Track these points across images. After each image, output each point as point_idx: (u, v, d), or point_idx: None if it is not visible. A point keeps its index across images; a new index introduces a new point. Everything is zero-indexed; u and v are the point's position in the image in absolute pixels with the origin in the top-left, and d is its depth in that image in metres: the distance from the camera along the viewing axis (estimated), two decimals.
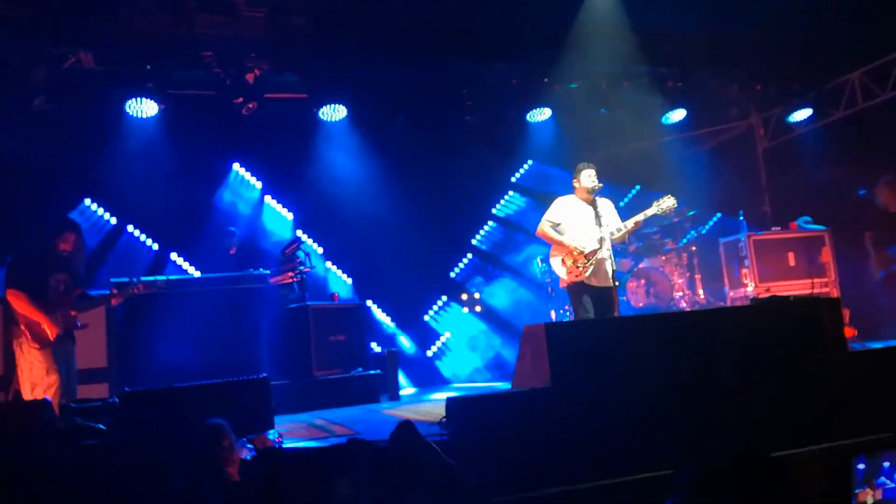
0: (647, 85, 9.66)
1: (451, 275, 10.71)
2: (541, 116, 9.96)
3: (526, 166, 11.17)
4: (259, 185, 9.78)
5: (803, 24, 8.52)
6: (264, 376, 5.17)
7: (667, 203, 6.41)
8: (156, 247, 9.05)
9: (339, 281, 9.93)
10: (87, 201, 8.74)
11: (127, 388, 4.73)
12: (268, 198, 9.82)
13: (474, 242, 10.92)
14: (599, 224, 6.34)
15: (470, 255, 10.85)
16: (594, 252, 6.27)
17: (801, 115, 9.98)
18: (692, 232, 9.77)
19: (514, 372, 5.09)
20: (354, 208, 9.40)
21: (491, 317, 10.45)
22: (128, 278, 6.55)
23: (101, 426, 4.41)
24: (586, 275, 6.27)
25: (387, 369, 8.03)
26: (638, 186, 11.20)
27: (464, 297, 10.62)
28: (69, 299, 5.58)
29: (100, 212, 8.81)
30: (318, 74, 8.65)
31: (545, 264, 9.05)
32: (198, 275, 8.59)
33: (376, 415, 6.51)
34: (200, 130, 8.77)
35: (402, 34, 8.07)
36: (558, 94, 9.64)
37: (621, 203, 10.44)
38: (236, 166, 9.64)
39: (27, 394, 5.24)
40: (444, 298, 10.55)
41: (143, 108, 8.23)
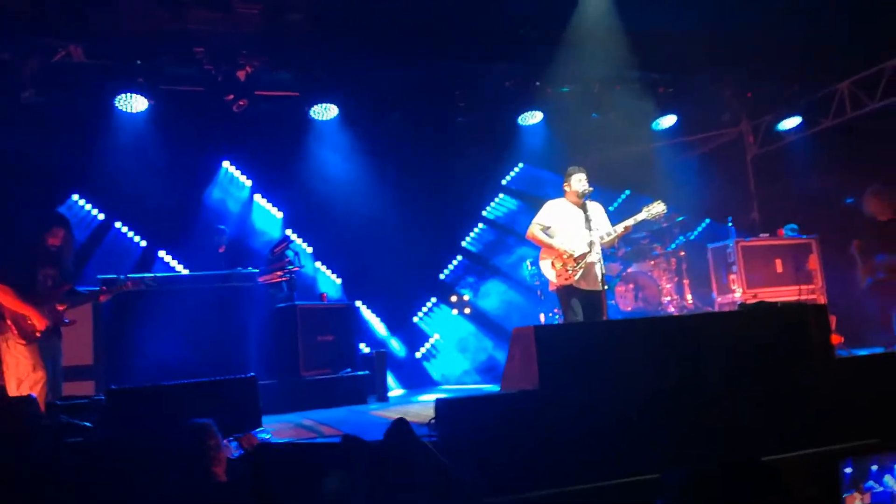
0: (638, 90, 9.73)
1: (441, 276, 10.71)
2: (532, 120, 9.99)
3: (517, 169, 11.18)
4: (249, 183, 9.74)
5: (793, 32, 8.59)
6: (252, 375, 5.15)
7: (657, 208, 6.44)
8: (144, 244, 9.00)
9: (329, 281, 9.90)
10: (74, 196, 8.68)
11: (113, 386, 4.69)
12: (257, 196, 9.78)
13: (464, 244, 10.92)
14: (589, 228, 6.36)
15: (460, 257, 10.85)
16: (584, 255, 6.28)
17: (791, 122, 10.06)
18: (681, 237, 9.81)
19: (502, 374, 5.09)
20: (344, 208, 9.38)
21: (480, 319, 10.45)
22: (115, 275, 6.50)
23: (88, 424, 4.38)
24: (575, 278, 6.29)
25: (375, 370, 8.00)
26: (628, 191, 11.26)
27: (453, 298, 10.62)
28: (57, 294, 5.51)
29: (87, 207, 8.75)
30: (311, 73, 8.62)
31: (535, 267, 9.06)
32: (186, 273, 8.54)
33: (364, 416, 6.48)
34: (191, 127, 8.74)
35: (396, 34, 8.07)
36: (550, 98, 9.68)
37: (611, 207, 10.49)
38: (226, 164, 9.60)
39: (13, 390, 5.16)
40: (433, 300, 10.55)
41: (133, 103, 8.19)
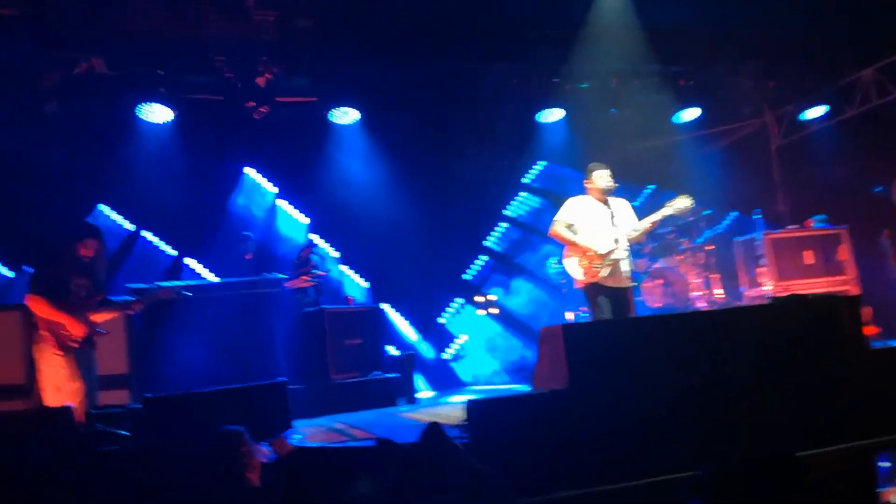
0: (658, 83, 9.65)
1: (466, 276, 10.71)
2: (553, 117, 9.95)
3: (538, 167, 11.15)
4: (273, 189, 9.82)
5: (815, 20, 8.48)
6: (282, 380, 5.19)
7: (683, 203, 6.35)
8: (172, 252, 9.11)
9: (355, 284, 9.95)
10: (101, 207, 8.80)
11: (148, 394, 4.75)
12: (282, 202, 9.86)
13: (488, 244, 10.92)
14: (614, 224, 6.32)
15: (484, 257, 10.85)
16: (609, 252, 6.24)
17: (815, 112, 9.93)
18: (707, 231, 9.72)
19: (532, 374, 5.09)
20: (368, 211, 9.42)
21: (507, 318, 10.43)
22: (145, 284, 6.57)
23: (124, 432, 4.43)
24: (602, 275, 6.25)
25: (404, 372, 8.03)
26: (652, 186, 11.17)
27: (479, 299, 10.61)
28: (90, 304, 5.55)
29: (115, 217, 8.87)
30: (329, 77, 8.66)
31: (559, 265, 9.02)
32: (214, 280, 8.64)
33: (394, 418, 6.51)
34: (213, 135, 8.83)
35: (412, 35, 8.10)
36: (570, 95, 9.63)
37: (635, 203, 10.39)
38: (249, 171, 9.69)
39: (51, 400, 5.20)
40: (459, 300, 10.55)
41: (156, 112, 8.29)
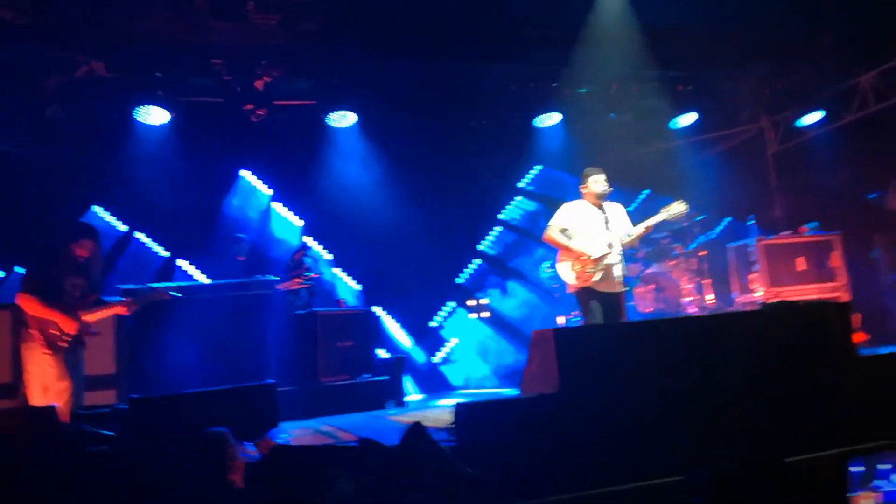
0: (656, 89, 9.66)
1: (459, 280, 10.70)
2: (550, 121, 9.96)
3: (535, 171, 11.15)
4: (268, 191, 9.81)
5: (813, 26, 8.49)
6: (271, 382, 5.16)
7: (678, 208, 6.34)
8: (165, 253, 9.09)
9: (347, 287, 9.93)
10: (96, 208, 8.78)
11: (135, 395, 4.72)
12: (277, 204, 9.85)
13: (482, 248, 10.91)
14: (608, 229, 6.31)
15: (478, 261, 10.84)
16: (603, 257, 6.24)
17: (812, 118, 9.93)
18: (701, 236, 9.71)
19: (522, 378, 5.07)
20: (362, 215, 9.42)
21: (499, 322, 10.42)
22: (137, 285, 6.54)
23: (110, 433, 4.40)
24: (594, 280, 6.24)
25: (393, 375, 8.01)
26: (648, 191, 11.18)
27: (471, 302, 10.60)
28: (84, 304, 5.51)
29: (109, 218, 8.86)
30: (328, 81, 8.66)
31: (552, 269, 9.01)
32: (206, 281, 8.62)
33: (383, 421, 6.48)
34: (210, 137, 8.84)
35: (410, 38, 8.09)
36: (568, 99, 9.64)
37: (630, 207, 10.36)
38: (245, 173, 9.68)
39: (38, 399, 5.16)
40: (451, 304, 10.55)
41: (153, 115, 8.29)
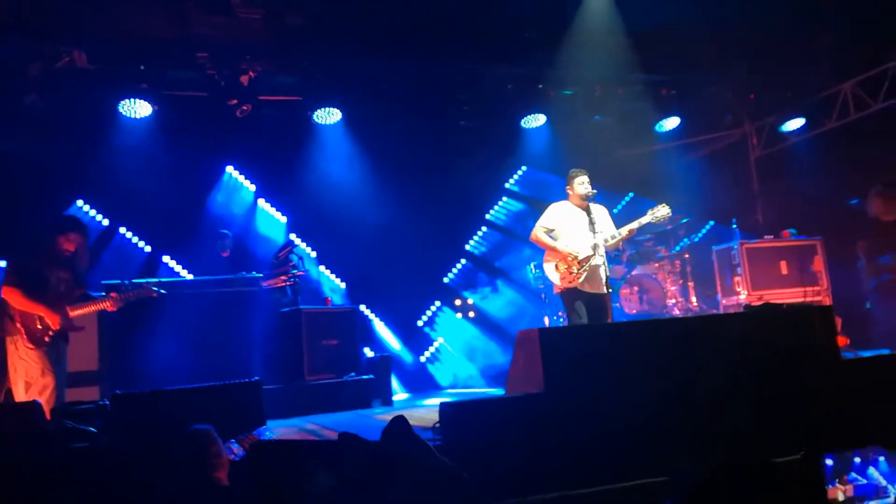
0: (641, 92, 9.71)
1: (445, 280, 10.70)
2: (535, 122, 9.98)
3: (520, 172, 11.18)
4: (253, 187, 9.76)
5: (796, 33, 8.58)
6: (256, 379, 5.15)
7: (661, 212, 6.40)
8: (148, 249, 9.01)
9: (333, 285, 9.90)
10: (79, 202, 8.69)
11: (118, 391, 4.69)
12: (261, 201, 9.80)
13: (468, 247, 10.92)
14: (593, 230, 6.34)
15: (464, 261, 10.84)
16: (588, 258, 6.27)
17: (794, 124, 10.03)
18: (685, 239, 9.80)
19: (507, 377, 5.08)
20: (348, 212, 9.38)
21: (485, 322, 10.43)
22: (120, 280, 6.49)
23: (92, 429, 4.37)
24: (580, 281, 6.27)
25: (379, 374, 7.99)
26: (631, 194, 11.23)
27: (457, 302, 10.61)
28: (69, 298, 5.45)
29: (92, 213, 8.77)
30: (313, 76, 8.62)
31: (539, 270, 9.04)
32: (190, 277, 8.55)
33: (369, 420, 6.47)
34: (194, 132, 8.75)
35: (396, 36, 8.07)
36: (553, 100, 9.66)
37: (615, 210, 10.46)
38: (230, 169, 9.62)
39: (20, 394, 5.11)
40: (437, 304, 10.54)
41: (137, 108, 8.20)
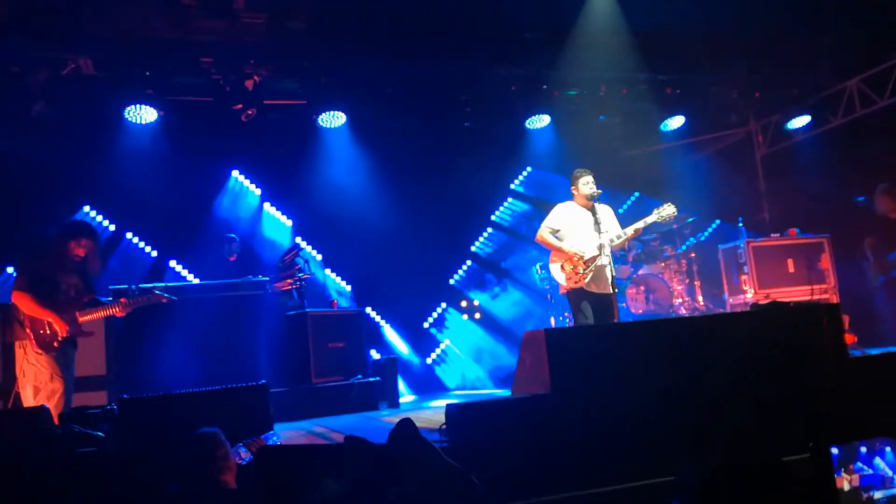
0: (645, 92, 9.70)
1: (451, 281, 10.70)
2: (540, 123, 9.98)
3: (525, 173, 11.17)
4: (258, 191, 9.78)
5: (801, 31, 8.56)
6: (263, 383, 5.15)
7: (667, 211, 6.39)
8: (154, 253, 9.05)
9: (339, 288, 9.91)
10: (86, 208, 8.73)
11: (125, 395, 4.70)
12: (267, 205, 9.82)
13: (474, 249, 10.92)
14: (599, 230, 6.33)
15: (469, 262, 10.84)
16: (594, 258, 6.26)
17: (800, 121, 10.01)
18: (691, 239, 9.76)
19: (513, 378, 5.08)
20: (353, 215, 9.39)
21: (491, 323, 10.42)
22: (127, 285, 6.51)
23: (100, 433, 4.38)
24: (585, 281, 6.26)
25: (386, 377, 7.99)
26: (637, 193, 11.23)
27: (463, 304, 10.61)
28: (79, 303, 5.45)
29: (98, 218, 8.80)
30: (318, 80, 8.63)
31: (544, 271, 9.04)
32: (196, 282, 8.58)
33: (376, 422, 6.47)
34: (200, 137, 8.78)
35: (399, 38, 8.07)
36: (557, 101, 9.65)
37: (621, 210, 10.46)
38: (235, 173, 9.65)
39: (29, 399, 5.11)
40: (443, 305, 10.54)
41: (143, 113, 8.24)
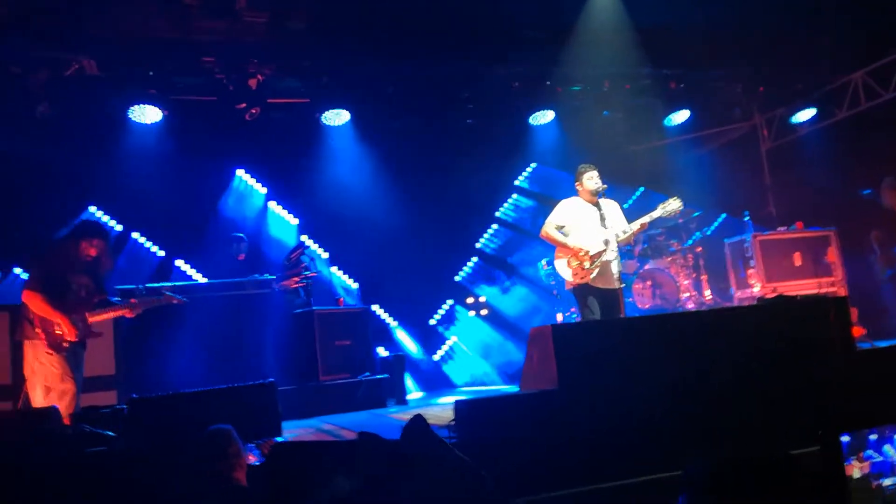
0: (649, 86, 9.68)
1: (457, 278, 10.70)
2: (544, 119, 9.96)
3: (530, 169, 11.17)
4: (264, 190, 9.80)
5: (804, 24, 8.53)
6: (271, 381, 5.16)
7: (672, 205, 6.38)
8: (161, 253, 9.07)
9: (345, 285, 9.93)
10: (92, 208, 8.75)
11: (135, 395, 4.72)
12: (272, 203, 9.83)
13: (479, 245, 10.92)
14: (604, 226, 6.33)
15: (475, 259, 10.84)
16: (599, 253, 6.26)
17: (805, 115, 9.98)
18: (697, 233, 9.76)
19: (521, 374, 5.08)
20: (359, 213, 9.39)
21: (498, 320, 10.43)
22: (134, 286, 6.52)
23: (110, 433, 4.40)
24: (591, 277, 6.25)
25: (394, 374, 8.01)
26: (642, 188, 11.21)
27: (470, 300, 10.61)
28: (89, 304, 5.44)
29: (105, 219, 8.83)
30: (320, 79, 8.64)
31: (550, 266, 9.03)
32: (203, 281, 8.60)
33: (384, 419, 6.49)
34: (204, 136, 8.78)
35: (400, 36, 8.07)
36: (561, 97, 9.64)
37: (626, 205, 10.44)
38: (240, 172, 9.66)
39: (39, 399, 5.09)
40: (450, 302, 10.55)
41: (147, 113, 8.26)
